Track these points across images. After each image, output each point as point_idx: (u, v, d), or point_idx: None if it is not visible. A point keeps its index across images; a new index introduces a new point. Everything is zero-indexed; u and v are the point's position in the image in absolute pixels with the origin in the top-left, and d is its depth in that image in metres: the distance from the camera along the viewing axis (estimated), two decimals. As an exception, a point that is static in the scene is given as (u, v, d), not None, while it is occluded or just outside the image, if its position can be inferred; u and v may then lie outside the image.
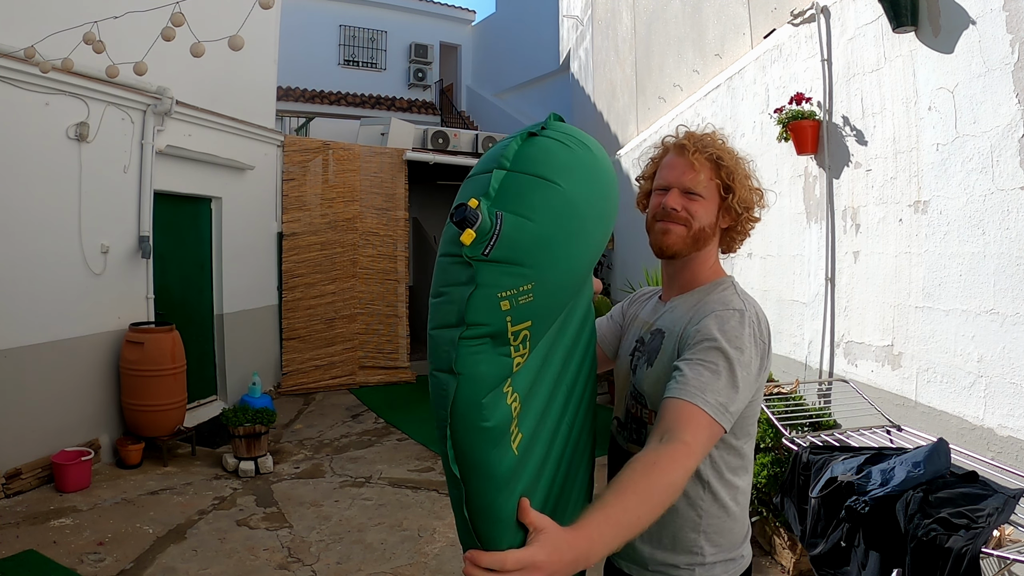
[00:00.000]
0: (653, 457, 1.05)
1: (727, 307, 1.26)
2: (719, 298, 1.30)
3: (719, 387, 1.14)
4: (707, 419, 1.12)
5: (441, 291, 0.98)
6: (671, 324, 1.34)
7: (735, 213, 1.35)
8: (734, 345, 1.19)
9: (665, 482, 1.03)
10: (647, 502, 1.00)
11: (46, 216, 4.54)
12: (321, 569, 3.44)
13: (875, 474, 2.03)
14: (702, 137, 1.37)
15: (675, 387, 1.15)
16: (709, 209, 1.34)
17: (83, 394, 4.81)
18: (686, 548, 1.28)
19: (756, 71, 4.44)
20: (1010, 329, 2.35)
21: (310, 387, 7.65)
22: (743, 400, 1.19)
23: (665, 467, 1.04)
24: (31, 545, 3.53)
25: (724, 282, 1.37)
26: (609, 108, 9.25)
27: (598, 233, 1.11)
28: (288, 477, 4.83)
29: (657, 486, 1.02)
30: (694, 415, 1.11)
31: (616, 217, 1.21)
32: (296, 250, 7.72)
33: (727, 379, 1.15)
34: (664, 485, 1.03)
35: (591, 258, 1.12)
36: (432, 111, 16.16)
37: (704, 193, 1.33)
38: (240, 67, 6.54)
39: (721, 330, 1.20)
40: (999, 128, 2.38)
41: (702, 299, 1.33)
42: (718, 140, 1.37)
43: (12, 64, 4.18)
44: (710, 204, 1.34)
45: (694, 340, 1.22)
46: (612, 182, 1.18)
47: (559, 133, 1.10)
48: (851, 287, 3.41)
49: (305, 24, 14.45)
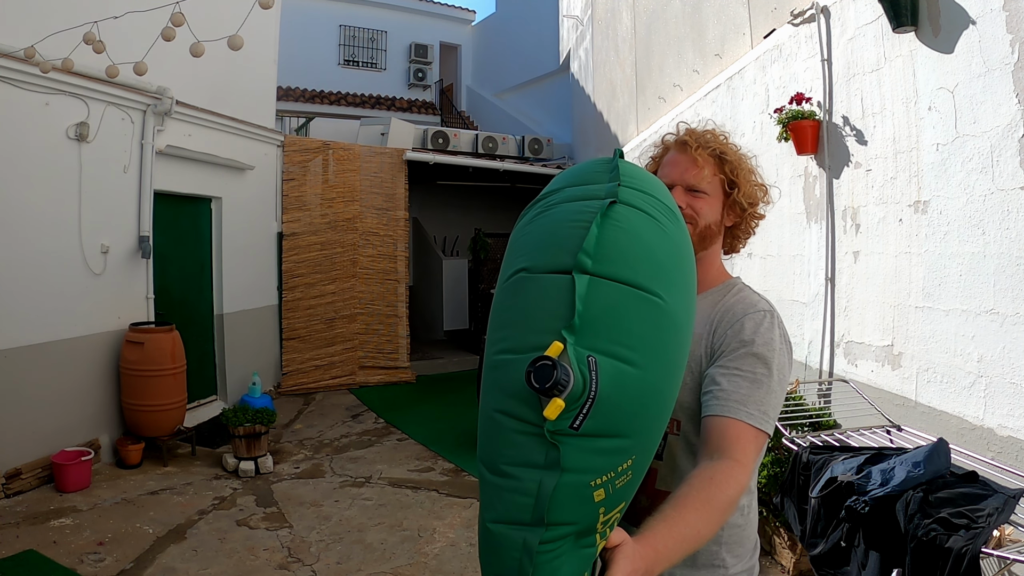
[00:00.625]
0: (709, 473, 1.04)
1: (755, 309, 1.23)
2: (741, 300, 1.27)
3: (760, 396, 1.13)
4: (752, 432, 1.11)
5: (505, 470, 0.74)
6: None
7: (740, 209, 1.32)
8: (769, 348, 1.18)
9: (723, 497, 1.02)
10: (706, 516, 1.00)
11: (46, 216, 4.54)
12: (321, 569, 3.44)
13: (875, 474, 2.03)
14: (703, 133, 1.35)
15: (715, 404, 1.12)
16: (714, 206, 1.32)
17: (83, 394, 4.81)
18: (707, 562, 1.24)
19: (756, 71, 4.44)
20: (1010, 329, 2.35)
21: (310, 387, 7.66)
22: (780, 400, 1.18)
23: (721, 482, 1.03)
24: (31, 545, 3.53)
25: (735, 283, 1.34)
26: (609, 108, 9.25)
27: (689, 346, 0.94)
28: (288, 477, 4.83)
29: (715, 500, 1.01)
30: (740, 432, 1.10)
31: None
32: (296, 250, 7.72)
33: (766, 385, 1.14)
34: (721, 500, 1.02)
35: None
36: (432, 111, 16.15)
37: (708, 190, 1.31)
38: (240, 67, 6.53)
39: (755, 334, 1.19)
40: (999, 128, 2.38)
41: (719, 302, 1.29)
42: (720, 136, 1.36)
43: (12, 64, 4.18)
44: (715, 201, 1.32)
45: (729, 347, 1.19)
46: (692, 262, 1.02)
47: (639, 193, 0.86)
48: (851, 287, 3.41)
49: (305, 24, 14.44)
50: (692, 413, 1.23)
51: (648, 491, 1.25)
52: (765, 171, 4.72)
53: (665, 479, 1.24)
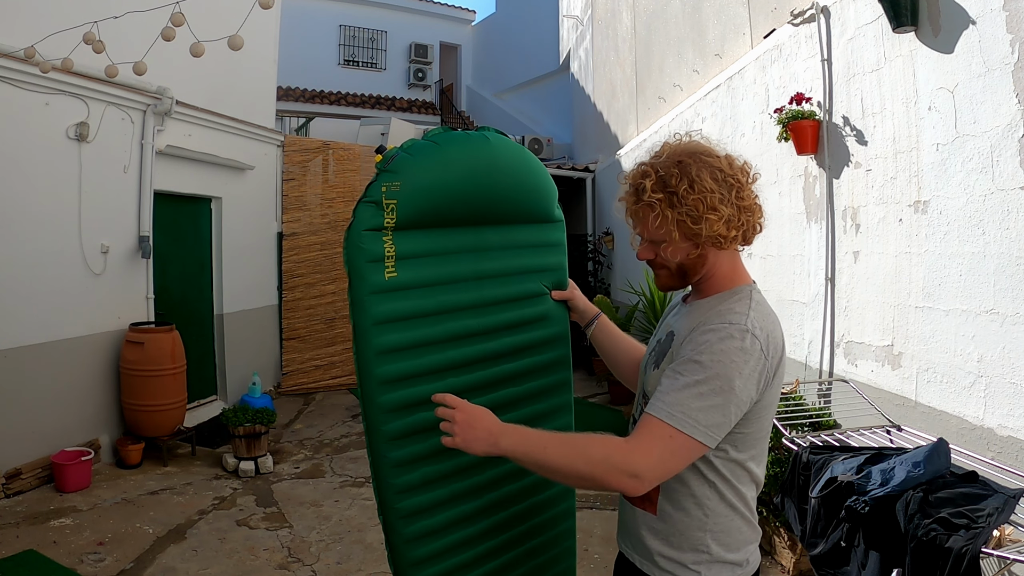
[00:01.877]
0: (600, 436, 1.21)
1: (724, 322, 1.22)
2: (722, 313, 1.24)
3: (682, 397, 1.17)
4: (659, 425, 1.17)
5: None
6: (682, 326, 1.33)
7: (715, 231, 1.23)
8: (714, 356, 1.17)
9: (588, 450, 1.19)
10: (563, 450, 1.20)
11: (46, 216, 4.55)
12: (321, 569, 3.44)
13: (875, 474, 2.03)
14: (640, 172, 1.27)
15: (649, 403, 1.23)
16: (678, 247, 1.26)
17: (83, 394, 4.81)
18: (693, 547, 1.28)
19: (756, 71, 4.44)
20: (1010, 329, 2.35)
21: (310, 387, 7.66)
22: (725, 411, 1.17)
23: (597, 441, 1.19)
24: (31, 545, 3.53)
25: (741, 291, 1.30)
26: (609, 108, 9.25)
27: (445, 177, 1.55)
28: (288, 477, 4.83)
29: (579, 446, 1.20)
30: (646, 422, 1.20)
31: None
32: (296, 250, 7.72)
33: (695, 389, 1.16)
34: (585, 450, 1.19)
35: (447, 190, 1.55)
36: (432, 111, 16.17)
37: (664, 236, 1.25)
38: (240, 67, 6.54)
39: (706, 344, 1.19)
40: (999, 128, 2.38)
41: (713, 308, 1.28)
42: (662, 162, 1.25)
43: (12, 64, 4.18)
44: (676, 243, 1.25)
45: (681, 352, 1.24)
46: (453, 161, 1.55)
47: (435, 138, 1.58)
48: (851, 287, 3.41)
49: (305, 24, 14.45)
50: None
51: None
52: (765, 171, 4.72)
53: None
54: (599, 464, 1.17)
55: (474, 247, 1.62)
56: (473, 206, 1.58)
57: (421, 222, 1.51)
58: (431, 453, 1.49)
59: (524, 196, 1.68)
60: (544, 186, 1.74)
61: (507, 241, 1.68)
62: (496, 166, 1.59)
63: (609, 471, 1.16)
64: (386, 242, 1.46)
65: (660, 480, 1.20)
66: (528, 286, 1.72)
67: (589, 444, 1.19)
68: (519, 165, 1.66)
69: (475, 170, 1.56)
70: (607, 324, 1.74)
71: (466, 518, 1.58)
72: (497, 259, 1.66)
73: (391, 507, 1.49)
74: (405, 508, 1.50)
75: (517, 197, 1.66)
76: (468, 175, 1.54)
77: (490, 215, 1.63)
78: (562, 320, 1.78)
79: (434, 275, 1.54)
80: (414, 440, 1.49)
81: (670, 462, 1.18)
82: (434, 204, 1.51)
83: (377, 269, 1.46)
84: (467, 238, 1.60)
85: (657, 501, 1.32)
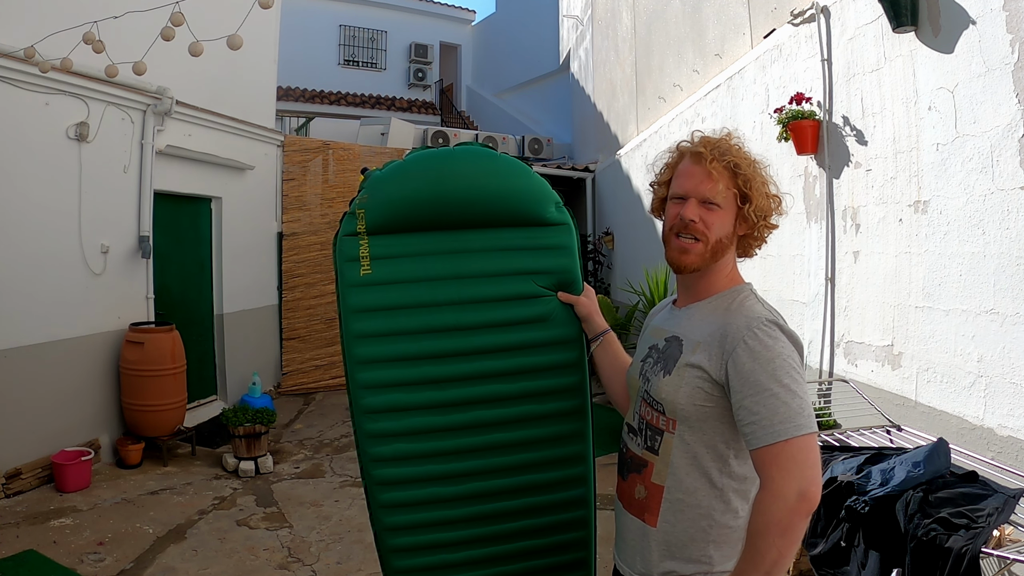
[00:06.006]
0: (754, 516, 1.18)
1: (755, 319, 1.25)
2: (743, 313, 1.28)
3: (776, 406, 1.16)
4: (772, 449, 1.15)
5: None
6: (688, 331, 1.33)
7: (752, 221, 1.33)
8: (770, 358, 1.20)
9: (765, 537, 1.14)
10: (757, 560, 1.15)
11: (46, 216, 4.54)
12: (321, 569, 3.44)
13: (875, 474, 2.03)
14: (719, 143, 1.34)
15: (748, 438, 1.19)
16: (726, 220, 1.32)
17: (83, 394, 4.81)
18: (695, 557, 1.28)
19: (756, 71, 4.44)
20: (1010, 329, 2.35)
21: (310, 387, 7.66)
22: (803, 395, 1.19)
23: (758, 525, 1.16)
24: (31, 545, 3.53)
25: (743, 290, 1.34)
26: (609, 108, 9.25)
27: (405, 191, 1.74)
28: (288, 477, 4.83)
29: (756, 542, 1.16)
30: (760, 458, 1.17)
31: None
32: (296, 250, 7.72)
33: (779, 396, 1.17)
34: (766, 540, 1.14)
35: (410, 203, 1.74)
36: (432, 111, 16.16)
37: (721, 203, 1.31)
38: (240, 67, 6.53)
39: (756, 351, 1.21)
40: (999, 128, 2.38)
41: (725, 308, 1.30)
42: (735, 146, 1.34)
43: (12, 64, 4.18)
44: (727, 214, 1.32)
45: (741, 372, 1.21)
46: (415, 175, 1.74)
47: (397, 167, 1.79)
48: (851, 287, 3.41)
49: (305, 24, 14.44)
50: (686, 416, 1.28)
51: (645, 482, 1.34)
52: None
53: (660, 473, 1.32)
54: (774, 534, 1.13)
55: (454, 249, 1.75)
56: (439, 211, 1.72)
57: (390, 227, 1.72)
58: (404, 432, 1.69)
59: (499, 200, 1.75)
60: (525, 189, 1.76)
61: (492, 243, 1.76)
62: (453, 173, 1.73)
63: (786, 528, 1.12)
64: (361, 245, 1.71)
65: (818, 479, 1.17)
66: (522, 287, 1.75)
67: (757, 534, 1.15)
68: (485, 172, 1.74)
69: (430, 180, 1.71)
70: (613, 343, 1.73)
71: (442, 500, 1.72)
72: (481, 260, 1.76)
73: (367, 473, 1.71)
74: (379, 476, 1.71)
75: (489, 201, 1.74)
76: (425, 184, 1.71)
77: (468, 219, 1.75)
78: (570, 323, 1.77)
79: (411, 273, 1.72)
80: (388, 417, 1.69)
81: (809, 459, 1.16)
82: (397, 211, 1.71)
83: (353, 267, 1.72)
84: (446, 241, 1.75)
85: (659, 512, 1.31)
